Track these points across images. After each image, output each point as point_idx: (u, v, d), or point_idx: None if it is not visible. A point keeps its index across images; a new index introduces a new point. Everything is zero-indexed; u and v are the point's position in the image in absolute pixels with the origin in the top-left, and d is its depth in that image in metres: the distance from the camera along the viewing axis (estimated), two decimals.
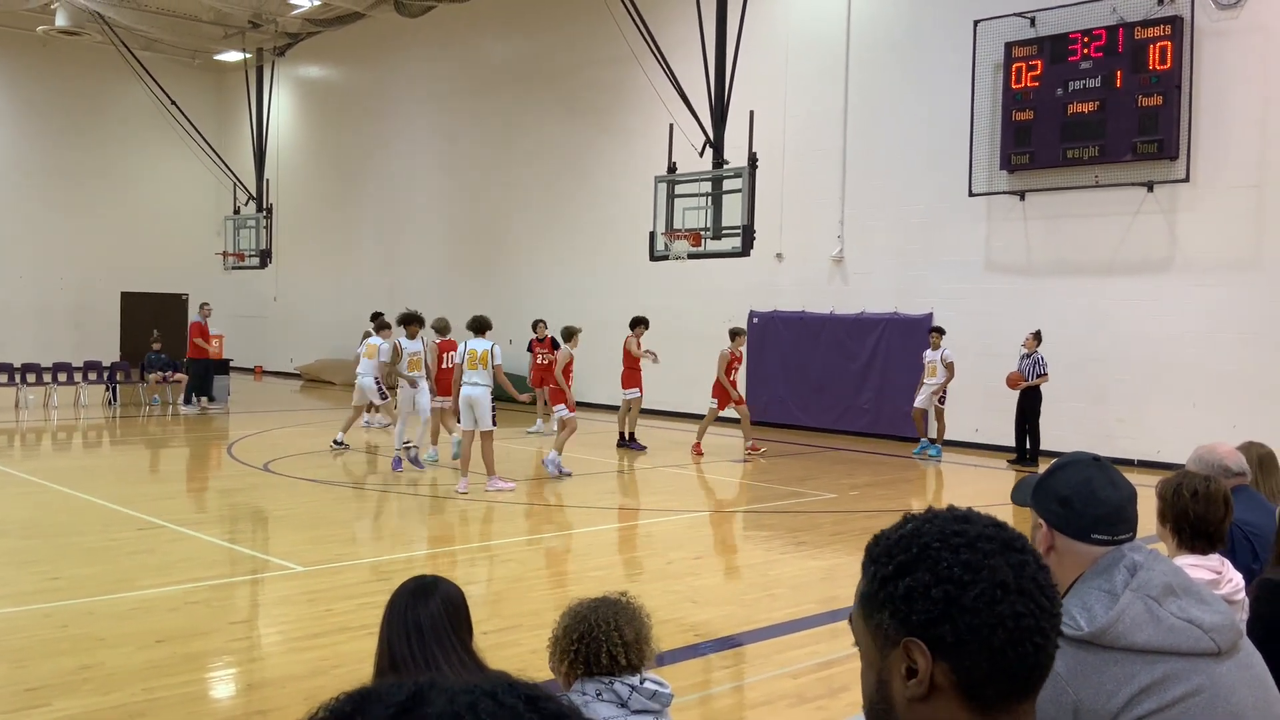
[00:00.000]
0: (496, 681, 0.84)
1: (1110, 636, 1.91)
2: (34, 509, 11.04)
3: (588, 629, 3.13)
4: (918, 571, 1.29)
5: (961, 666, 1.26)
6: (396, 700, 0.80)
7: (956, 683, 1.26)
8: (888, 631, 1.31)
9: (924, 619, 1.27)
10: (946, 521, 1.32)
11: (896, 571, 1.30)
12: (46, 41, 27.43)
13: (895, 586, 1.30)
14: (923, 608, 1.27)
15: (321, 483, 12.92)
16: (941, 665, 1.26)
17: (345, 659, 6.29)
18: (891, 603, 1.30)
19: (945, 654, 1.26)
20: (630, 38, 16.98)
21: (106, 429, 19.34)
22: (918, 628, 1.27)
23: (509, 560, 9.52)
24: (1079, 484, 2.09)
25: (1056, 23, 15.72)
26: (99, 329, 30.21)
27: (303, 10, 26.49)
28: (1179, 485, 3.36)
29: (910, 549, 1.31)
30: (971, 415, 16.62)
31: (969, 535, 1.29)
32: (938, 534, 1.30)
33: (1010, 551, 1.29)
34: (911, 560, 1.30)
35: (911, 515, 1.36)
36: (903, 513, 1.40)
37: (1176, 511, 3.34)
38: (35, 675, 5.95)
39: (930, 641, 1.26)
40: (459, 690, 0.81)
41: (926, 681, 1.27)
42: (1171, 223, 14.99)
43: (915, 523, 1.34)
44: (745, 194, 14.89)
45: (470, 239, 25.42)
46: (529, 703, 0.82)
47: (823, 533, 10.58)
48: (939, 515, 1.34)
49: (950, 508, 1.36)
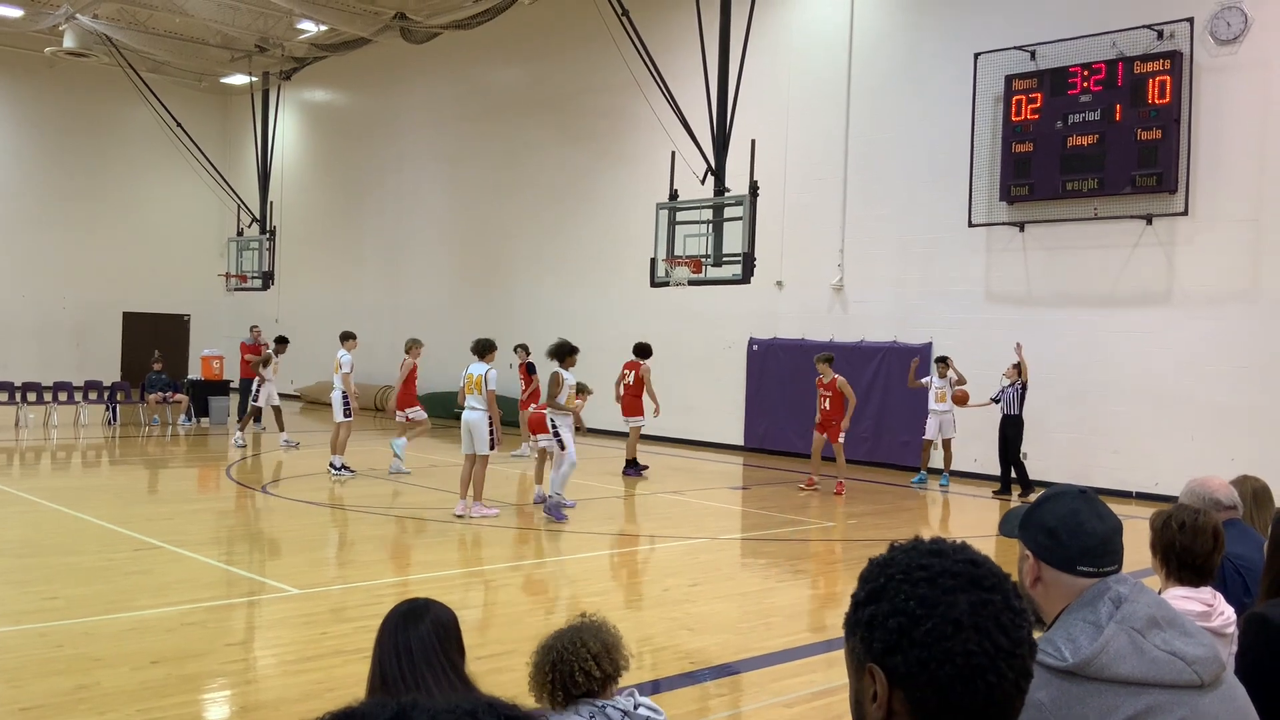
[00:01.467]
0: (477, 702, 0.86)
1: (1094, 668, 1.93)
2: (32, 528, 11.04)
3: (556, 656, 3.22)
4: (881, 601, 1.33)
5: (914, 696, 1.29)
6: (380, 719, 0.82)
7: (911, 711, 1.29)
8: (858, 655, 1.35)
9: (881, 648, 1.31)
10: (916, 555, 1.35)
11: (866, 598, 1.35)
12: (54, 63, 27.62)
13: (863, 613, 1.34)
14: (881, 636, 1.31)
15: (319, 505, 12.91)
16: (898, 693, 1.30)
17: (340, 682, 6.29)
18: (860, 628, 1.35)
19: (899, 683, 1.30)
20: (633, 65, 17.10)
21: (106, 449, 19.34)
22: (878, 655, 1.31)
23: (505, 585, 9.51)
24: (1065, 516, 2.12)
25: (1056, 56, 15.84)
26: (100, 349, 30.27)
27: (309, 35, 26.67)
28: (1168, 517, 3.38)
29: (879, 578, 1.35)
30: (971, 445, 16.61)
31: (933, 570, 1.32)
32: (904, 566, 1.34)
33: (975, 589, 1.31)
34: (879, 589, 1.34)
35: (896, 544, 1.39)
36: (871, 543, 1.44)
37: (1165, 543, 3.36)
38: (30, 695, 5.94)
39: (886, 669, 1.30)
40: (441, 710, 0.83)
41: (885, 707, 1.30)
42: (1170, 255, 15.05)
43: (894, 552, 1.38)
44: (746, 221, 14.94)
45: (473, 263, 25.49)
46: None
47: (820, 561, 10.57)
48: (915, 547, 1.37)
49: (932, 540, 1.38)
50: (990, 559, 1.38)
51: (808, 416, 18.87)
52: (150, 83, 25.75)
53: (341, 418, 15.55)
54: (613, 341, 20.46)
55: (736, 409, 19.93)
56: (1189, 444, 14.63)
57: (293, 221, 29.22)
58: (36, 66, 28.43)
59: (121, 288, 30.81)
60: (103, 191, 30.65)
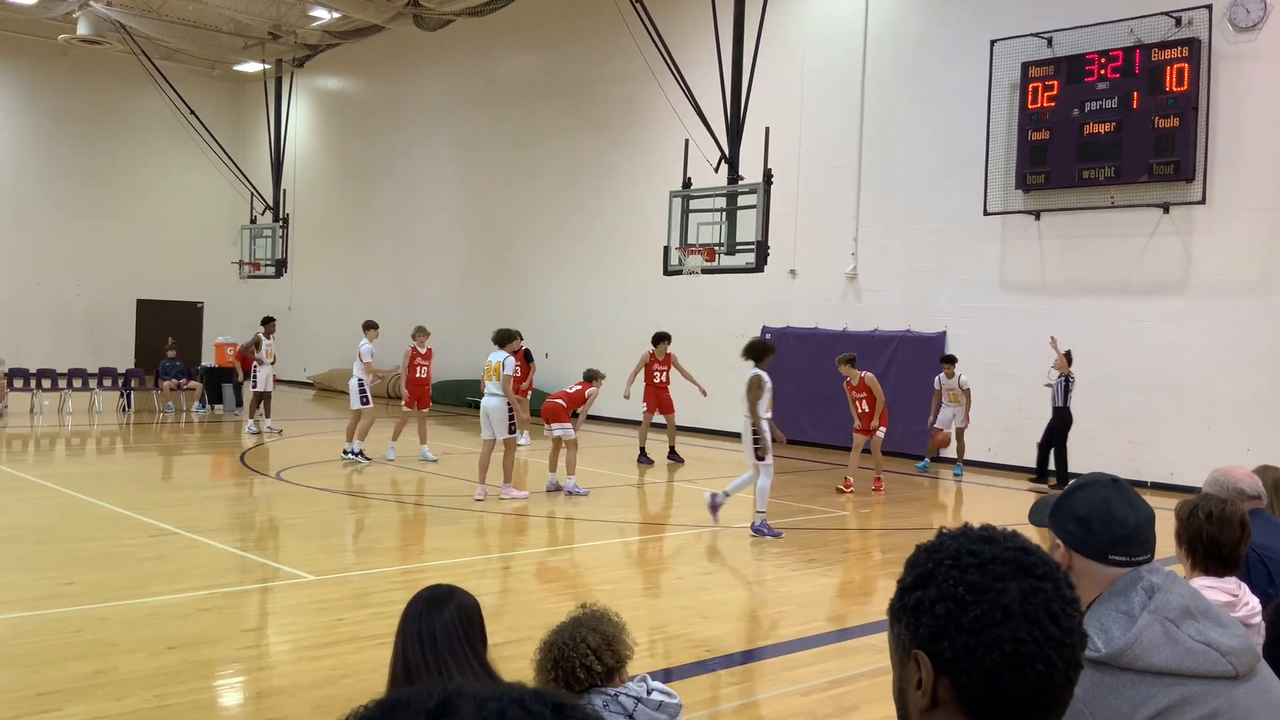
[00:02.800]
0: (524, 689, 0.84)
1: (1127, 658, 1.90)
2: (48, 514, 11.08)
3: (558, 653, 3.22)
4: (929, 586, 1.31)
5: (960, 684, 1.27)
6: (426, 707, 0.81)
7: (957, 699, 1.28)
8: (903, 642, 1.34)
9: (928, 633, 1.29)
10: (967, 540, 1.33)
11: (913, 584, 1.34)
12: (67, 50, 27.64)
13: (909, 598, 1.33)
14: (927, 622, 1.30)
15: (333, 492, 12.94)
16: (944, 680, 1.28)
17: (356, 669, 6.30)
18: (905, 613, 1.33)
19: (945, 669, 1.28)
20: (647, 53, 17.04)
21: (120, 435, 19.41)
22: (924, 641, 1.30)
23: (519, 572, 9.52)
24: (1097, 505, 2.09)
25: (1073, 43, 15.73)
26: (114, 336, 30.37)
27: (322, 22, 26.66)
28: (1195, 507, 3.35)
29: (927, 563, 1.33)
30: (985, 434, 16.56)
31: (983, 556, 1.31)
32: (953, 552, 1.32)
33: (1026, 577, 1.29)
34: (926, 574, 1.33)
35: (945, 530, 1.38)
36: (913, 531, 1.43)
37: (1191, 533, 3.33)
38: (47, 680, 5.96)
39: (932, 656, 1.29)
40: (487, 697, 0.82)
41: (929, 694, 1.29)
42: (1187, 244, 14.95)
43: (942, 537, 1.36)
44: (760, 210, 14.89)
45: (485, 251, 25.49)
46: (556, 710, 0.82)
47: (833, 550, 10.55)
48: (964, 533, 1.35)
49: (982, 527, 1.37)
50: (1041, 548, 1.36)
51: (820, 406, 18.87)
52: (164, 70, 25.76)
53: (358, 405, 15.63)
54: (625, 330, 20.45)
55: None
56: (1205, 434, 14.55)
57: (305, 209, 29.24)
58: (50, 54, 28.46)
59: (135, 275, 30.90)
60: (116, 179, 30.71)
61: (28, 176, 29.44)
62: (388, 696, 0.84)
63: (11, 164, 29.24)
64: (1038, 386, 15.97)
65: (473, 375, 23.36)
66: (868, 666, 6.75)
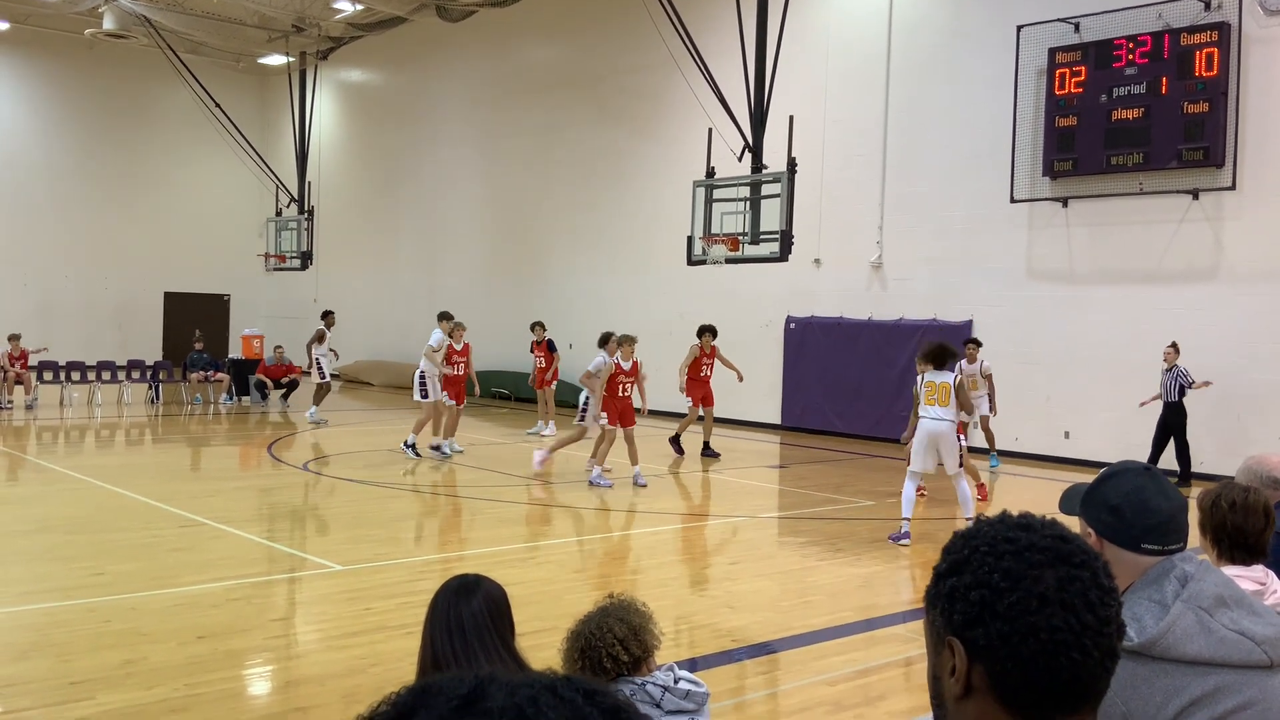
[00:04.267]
0: (555, 676, 0.84)
1: (1161, 648, 1.89)
2: (79, 505, 11.20)
3: (585, 643, 3.22)
4: (964, 573, 1.30)
5: (994, 671, 1.27)
6: (458, 694, 0.81)
7: (991, 686, 1.27)
8: (938, 628, 1.33)
9: (962, 620, 1.29)
10: (1004, 528, 1.33)
11: (948, 570, 1.33)
12: (93, 45, 27.84)
13: (944, 584, 1.33)
14: (962, 609, 1.29)
15: (360, 483, 13.01)
16: (978, 667, 1.28)
17: (384, 658, 6.34)
18: (941, 600, 1.33)
19: (980, 657, 1.27)
20: (670, 43, 17.00)
21: (149, 427, 19.59)
22: (958, 628, 1.29)
23: (546, 562, 9.54)
24: (1130, 493, 2.07)
25: (1101, 28, 15.57)
26: (142, 328, 30.63)
27: (345, 15, 26.73)
28: (1218, 496, 3.32)
29: (963, 550, 1.33)
30: (1012, 423, 16.47)
31: (1020, 544, 1.30)
32: (989, 538, 1.31)
33: (1063, 565, 1.28)
34: (962, 561, 1.32)
35: (983, 516, 1.37)
36: (940, 521, 1.42)
37: (1216, 522, 3.30)
38: (79, 669, 6.03)
39: (966, 643, 1.28)
40: (519, 684, 0.82)
41: (963, 681, 1.29)
42: (1217, 231, 14.80)
43: (979, 524, 1.35)
44: (784, 199, 14.85)
45: (508, 242, 25.53)
46: (587, 696, 0.82)
47: (860, 540, 10.52)
48: (1002, 520, 1.34)
49: (1020, 514, 1.36)
50: (1080, 536, 1.35)
51: (845, 395, 18.82)
52: (189, 64, 25.90)
53: (417, 398, 15.29)
54: (648, 320, 20.43)
55: (774, 388, 19.86)
56: (1235, 423, 14.42)
57: (330, 201, 29.36)
58: (77, 49, 28.68)
59: (162, 268, 31.14)
60: (143, 173, 30.93)
61: (55, 171, 29.69)
62: (419, 683, 0.84)
63: (39, 159, 29.49)
64: (1065, 375, 15.87)
65: (497, 366, 23.44)
66: (895, 656, 6.73)
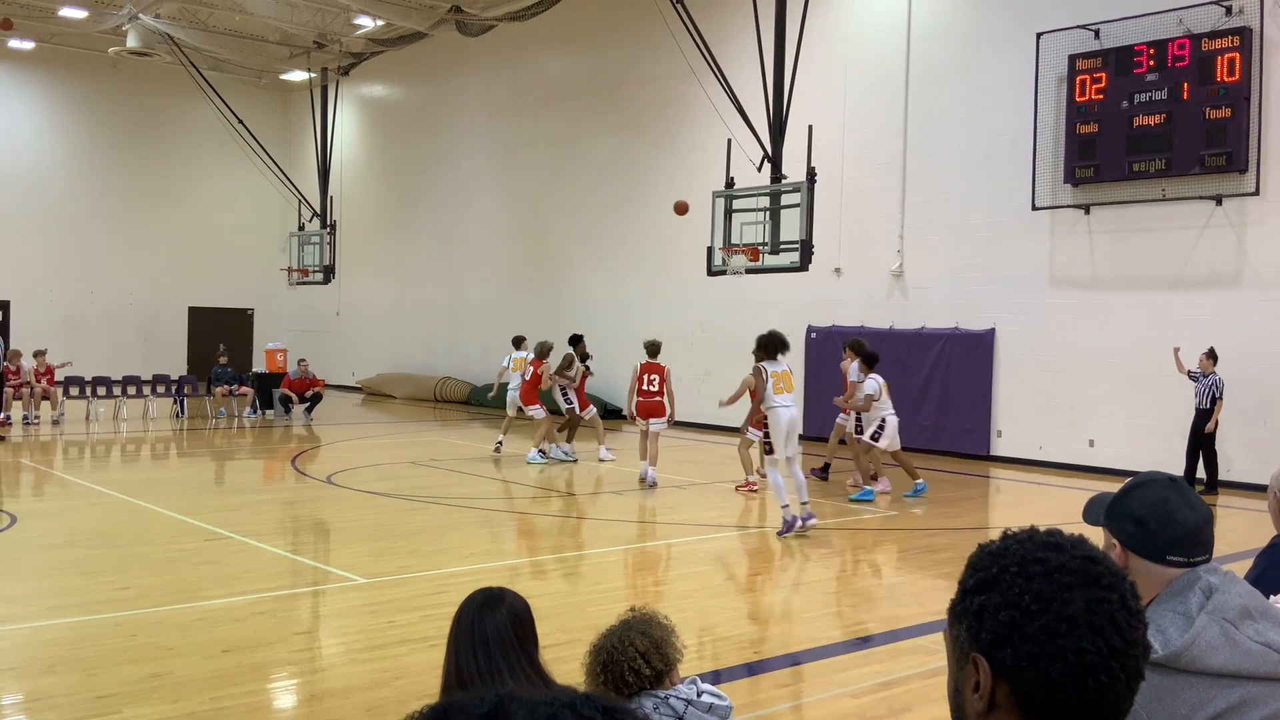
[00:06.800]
0: (574, 694, 0.85)
1: (1185, 660, 1.88)
2: (104, 519, 11.28)
3: (607, 657, 3.21)
4: (993, 592, 1.31)
5: (1020, 690, 1.27)
6: (479, 712, 0.81)
7: (1016, 704, 1.28)
8: (963, 644, 1.33)
9: (990, 639, 1.29)
10: (1034, 547, 1.32)
11: (976, 587, 1.33)
12: (117, 63, 28.15)
13: (971, 601, 1.33)
14: (990, 627, 1.29)
15: (384, 495, 13.06)
16: (1003, 685, 1.28)
17: (407, 670, 6.35)
18: (967, 616, 1.33)
19: (1006, 676, 1.28)
20: (688, 53, 17.02)
21: (174, 441, 19.71)
22: (984, 646, 1.29)
23: (568, 574, 9.55)
24: (1155, 504, 2.06)
25: (1121, 35, 15.51)
26: (167, 343, 30.88)
27: (366, 30, 26.91)
28: None
29: (992, 567, 1.33)
30: (1035, 432, 16.38)
31: (1050, 565, 1.30)
32: (1019, 558, 1.31)
33: (1092, 587, 1.29)
34: (991, 579, 1.32)
35: (1010, 531, 1.37)
36: (962, 531, 1.42)
37: None
38: (106, 683, 6.07)
39: (992, 661, 1.28)
40: (539, 702, 0.82)
41: (987, 698, 1.29)
42: (1241, 237, 14.69)
43: (1008, 541, 1.35)
44: (804, 208, 14.82)
45: (529, 254, 25.60)
46: (606, 714, 0.83)
47: (883, 551, 10.47)
48: (1031, 539, 1.34)
49: (1048, 532, 1.36)
50: (1109, 556, 1.35)
51: None
52: (211, 80, 26.13)
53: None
54: (669, 331, 20.39)
55: (795, 397, 19.76)
56: (1261, 429, 14.30)
57: (352, 215, 29.53)
58: (101, 67, 29.00)
59: (186, 283, 31.39)
60: (167, 189, 31.21)
61: (80, 187, 29.99)
62: (441, 703, 0.85)
63: (64, 175, 29.81)
64: (1089, 383, 15.79)
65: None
66: (919, 668, 6.69)
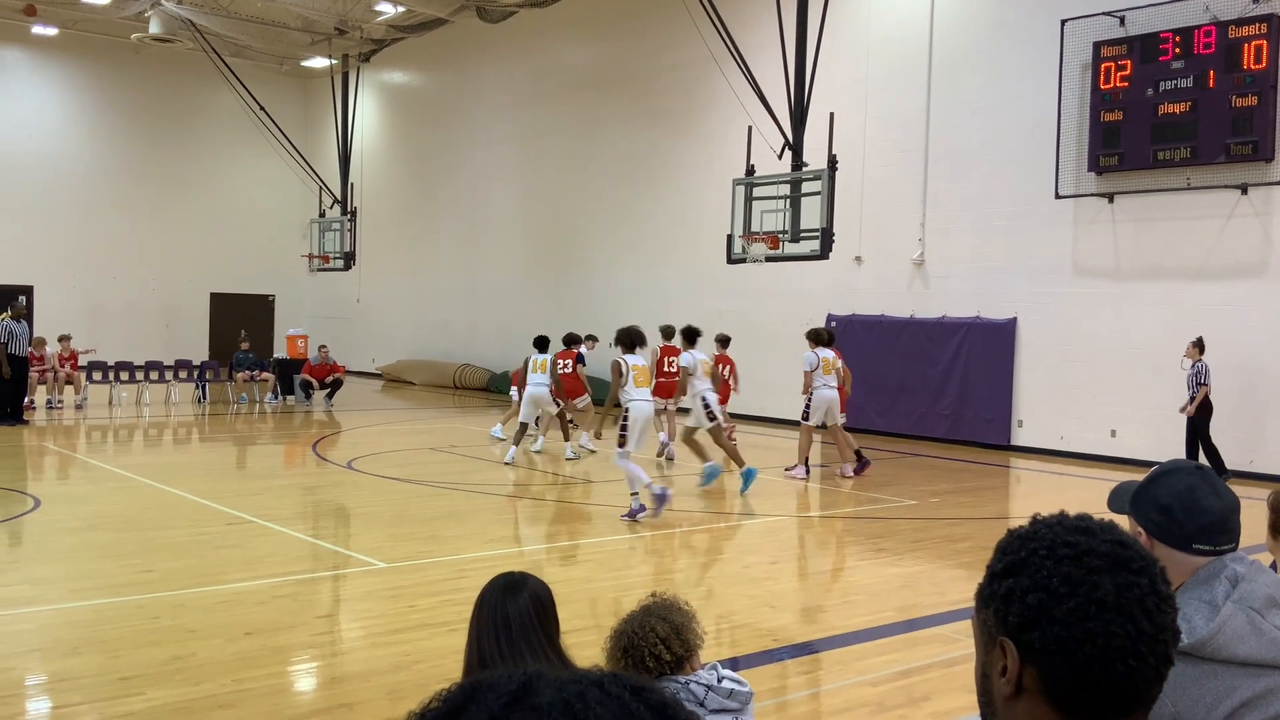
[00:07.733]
0: (602, 673, 0.85)
1: (1211, 649, 1.87)
2: (127, 503, 11.37)
3: (627, 642, 3.23)
4: (1021, 575, 1.30)
5: (1047, 674, 1.27)
6: (508, 690, 0.82)
7: (1043, 688, 1.28)
8: (990, 628, 1.33)
9: (1018, 622, 1.29)
10: (1063, 530, 1.32)
11: (1004, 571, 1.33)
12: (140, 49, 28.27)
13: (999, 585, 1.33)
14: (1018, 611, 1.29)
15: (404, 481, 13.12)
16: (1030, 669, 1.28)
17: (427, 654, 6.39)
18: (995, 600, 1.32)
19: (1033, 659, 1.28)
20: (709, 40, 16.97)
21: (196, 426, 19.85)
22: (1012, 629, 1.29)
23: (586, 561, 9.57)
24: (1181, 492, 2.04)
25: (1147, 22, 15.37)
26: (188, 329, 31.07)
27: (387, 17, 26.95)
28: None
29: (1020, 551, 1.33)
30: (1058, 422, 16.31)
31: (1079, 548, 1.29)
32: (1048, 541, 1.31)
33: (1121, 571, 1.28)
34: (1019, 562, 1.32)
35: (1040, 517, 1.37)
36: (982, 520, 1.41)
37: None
38: (129, 665, 6.12)
39: (1020, 645, 1.28)
40: (567, 680, 0.82)
41: (1014, 682, 1.29)
42: (1266, 226, 14.56)
43: (1037, 525, 1.35)
44: (824, 196, 14.77)
45: (548, 242, 25.62)
46: (634, 693, 0.83)
47: (902, 540, 10.45)
48: (1060, 523, 1.34)
49: (1078, 516, 1.35)
50: (1139, 541, 1.34)
51: (886, 393, 18.69)
52: (233, 67, 26.23)
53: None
54: (688, 317, 20.36)
55: None
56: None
57: (372, 202, 29.62)
58: (124, 53, 29.13)
59: (208, 269, 31.57)
60: (188, 175, 31.36)
61: (102, 174, 30.16)
62: (469, 680, 0.85)
63: (86, 162, 29.97)
64: (1111, 373, 15.69)
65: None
66: (938, 657, 6.68)
